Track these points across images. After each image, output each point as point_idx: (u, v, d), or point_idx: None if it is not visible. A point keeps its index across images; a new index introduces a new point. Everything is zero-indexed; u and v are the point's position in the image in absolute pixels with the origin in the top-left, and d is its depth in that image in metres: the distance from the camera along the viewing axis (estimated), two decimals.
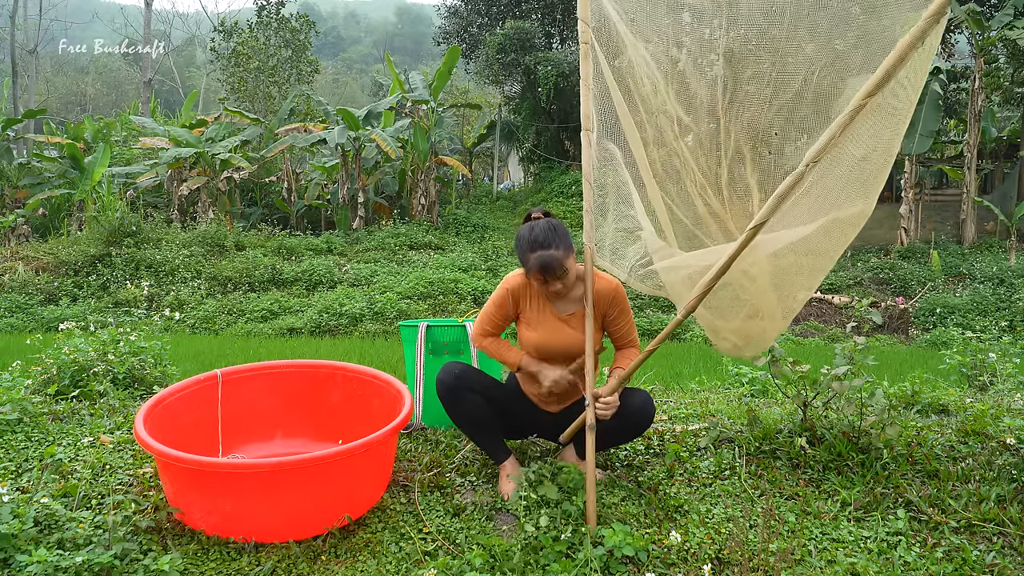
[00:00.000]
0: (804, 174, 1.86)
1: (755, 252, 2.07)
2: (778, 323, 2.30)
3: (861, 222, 2.00)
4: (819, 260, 2.09)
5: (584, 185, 2.49)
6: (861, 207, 1.96)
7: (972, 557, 2.24)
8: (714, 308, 2.35)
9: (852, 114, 1.77)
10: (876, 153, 1.88)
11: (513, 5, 23.75)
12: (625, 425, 2.54)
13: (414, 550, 2.25)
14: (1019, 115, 17.72)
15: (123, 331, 4.01)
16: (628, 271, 2.50)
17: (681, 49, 2.24)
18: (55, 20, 38.33)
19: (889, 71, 1.70)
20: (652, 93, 2.28)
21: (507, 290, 2.58)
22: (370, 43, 74.69)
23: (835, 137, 1.80)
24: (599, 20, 2.39)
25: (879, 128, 1.84)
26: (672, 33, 2.25)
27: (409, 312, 11.95)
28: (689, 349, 9.44)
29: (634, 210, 2.43)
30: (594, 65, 2.40)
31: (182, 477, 2.24)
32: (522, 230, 2.48)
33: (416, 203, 18.29)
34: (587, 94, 2.44)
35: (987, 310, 12.52)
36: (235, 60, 22.02)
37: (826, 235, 2.02)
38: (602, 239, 2.55)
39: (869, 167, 1.91)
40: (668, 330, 2.27)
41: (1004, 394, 3.93)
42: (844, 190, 1.95)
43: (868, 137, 1.86)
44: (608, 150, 2.46)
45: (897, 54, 1.69)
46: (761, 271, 2.13)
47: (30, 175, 18.02)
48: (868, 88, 1.74)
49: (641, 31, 2.30)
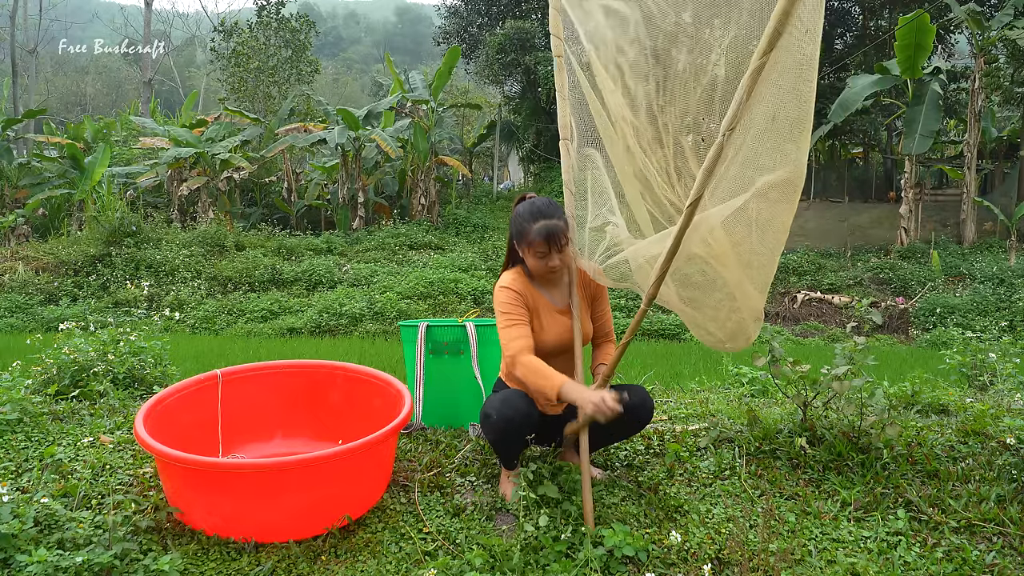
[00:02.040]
0: (723, 144, 1.87)
1: (702, 228, 2.08)
2: (756, 309, 2.29)
3: (797, 187, 1.99)
4: (767, 232, 2.09)
5: (565, 192, 2.57)
6: (790, 170, 1.96)
7: (972, 557, 2.24)
8: (690, 301, 2.35)
9: (754, 75, 1.77)
10: (789, 108, 1.88)
11: (513, 5, 23.77)
12: (628, 421, 2.53)
13: (414, 550, 2.25)
14: (1019, 115, 17.72)
15: (123, 331, 4.00)
16: (594, 265, 2.53)
17: (621, 53, 2.27)
18: (55, 20, 38.37)
19: (778, 27, 1.71)
20: (612, 100, 2.33)
21: (514, 291, 2.48)
22: (370, 43, 74.71)
23: (744, 101, 1.81)
24: (571, 31, 2.44)
25: (791, 84, 1.85)
26: (612, 37, 2.29)
27: (409, 312, 11.96)
28: (689, 349, 9.44)
29: (608, 206, 2.45)
30: (571, 76, 2.46)
31: (182, 477, 2.24)
32: (521, 206, 2.49)
33: (416, 203, 18.29)
34: (563, 104, 2.51)
35: (987, 310, 12.53)
36: (235, 60, 22.02)
37: (765, 203, 2.02)
38: (581, 242, 2.57)
39: (785, 125, 1.91)
40: (636, 321, 2.26)
41: (1004, 394, 3.93)
42: (766, 153, 1.96)
43: (781, 95, 1.86)
44: (588, 156, 2.50)
45: (781, 8, 1.69)
46: (723, 248, 2.13)
47: (30, 175, 18.02)
48: (762, 47, 1.75)
49: (593, 40, 2.36)
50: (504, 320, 2.44)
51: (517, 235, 2.47)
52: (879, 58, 18.37)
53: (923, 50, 14.69)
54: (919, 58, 14.87)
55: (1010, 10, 15.05)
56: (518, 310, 2.44)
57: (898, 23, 15.35)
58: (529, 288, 2.54)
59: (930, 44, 14.65)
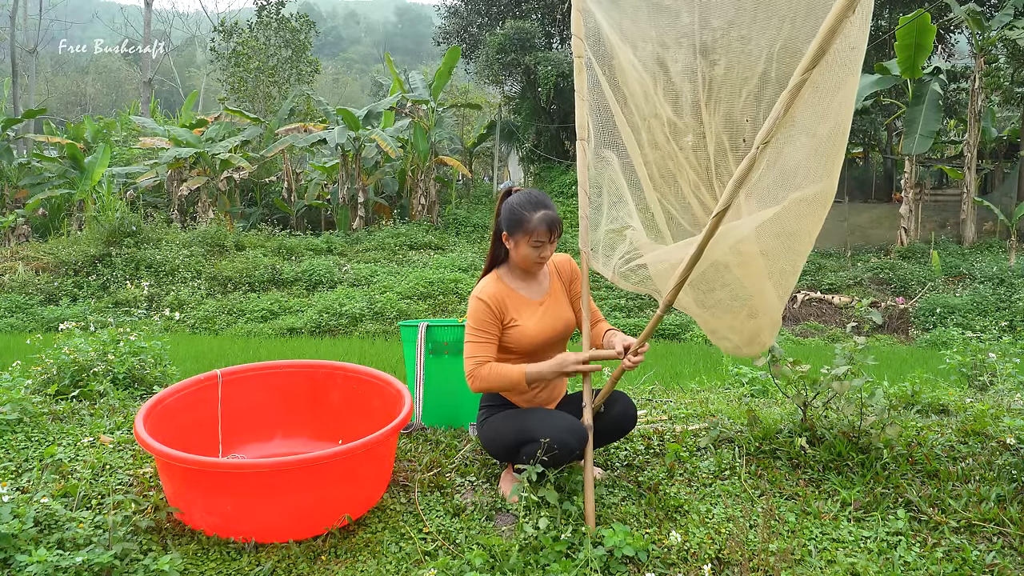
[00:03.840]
0: (756, 157, 1.85)
1: (730, 238, 2.07)
2: (775, 316, 2.29)
3: (828, 200, 1.98)
4: (795, 242, 2.09)
5: (579, 193, 2.56)
6: (824, 184, 1.94)
7: (972, 557, 2.24)
8: (710, 307, 2.35)
9: (794, 91, 1.75)
10: (827, 123, 1.87)
11: (513, 5, 23.76)
12: (613, 430, 2.57)
13: (414, 550, 2.25)
14: (1019, 115, 17.72)
15: (123, 331, 4.00)
16: (612, 270, 2.52)
17: (666, 50, 2.25)
18: (55, 20, 38.37)
19: (823, 44, 1.68)
20: (643, 99, 2.31)
21: (486, 303, 2.45)
22: (370, 43, 74.67)
23: (780, 116, 1.79)
24: (593, 33, 2.44)
25: (828, 100, 1.83)
26: (655, 35, 2.27)
27: (409, 312, 11.96)
28: (689, 349, 9.44)
29: (627, 210, 2.44)
30: (591, 78, 2.45)
31: (182, 477, 2.24)
32: (514, 197, 2.48)
33: (416, 203, 18.29)
34: (582, 105, 2.50)
35: (987, 310, 12.53)
36: (235, 60, 22.02)
37: (796, 216, 2.01)
38: (596, 243, 2.57)
39: (823, 141, 1.90)
40: (651, 325, 2.29)
41: (1004, 394, 3.93)
42: (802, 167, 1.94)
43: (819, 111, 1.84)
44: (605, 158, 2.49)
45: (828, 26, 1.67)
46: (751, 256, 2.13)
47: (30, 175, 18.03)
48: (805, 63, 1.72)
49: (629, 38, 2.34)
50: (471, 335, 2.46)
51: (513, 225, 2.44)
52: (879, 58, 18.36)
53: (923, 50, 14.68)
54: (919, 58, 14.86)
55: (1010, 10, 15.05)
56: (487, 327, 2.45)
57: (898, 23, 15.35)
58: (506, 291, 2.52)
59: (930, 44, 14.64)
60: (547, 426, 2.32)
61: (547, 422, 2.35)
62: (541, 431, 2.31)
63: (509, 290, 2.53)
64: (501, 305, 2.47)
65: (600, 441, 2.58)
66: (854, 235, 17.56)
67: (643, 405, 3.67)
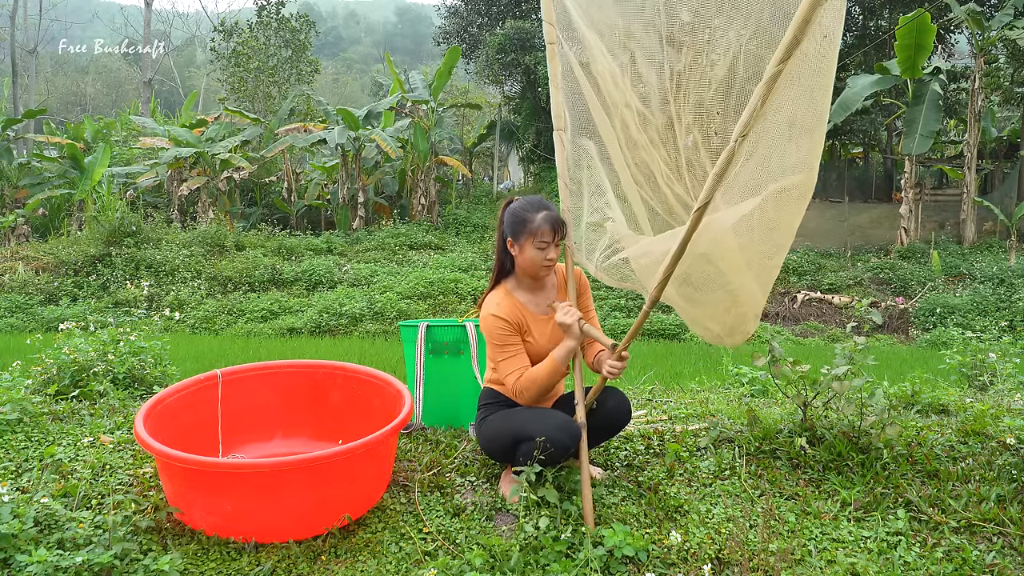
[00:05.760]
0: (735, 149, 1.84)
1: (711, 231, 2.05)
2: (757, 308, 2.29)
3: (807, 193, 1.97)
4: (775, 234, 2.07)
5: (560, 186, 2.54)
6: (803, 176, 1.93)
7: (972, 557, 2.24)
8: (691, 298, 2.33)
9: (769, 83, 1.74)
10: (804, 115, 1.84)
11: (513, 5, 23.75)
12: (607, 425, 2.57)
13: (414, 550, 2.25)
14: (1019, 115, 17.72)
15: (123, 331, 4.00)
16: (595, 264, 2.52)
17: (631, 39, 2.20)
18: (55, 20, 38.36)
19: (797, 35, 1.66)
20: (614, 87, 2.27)
21: (505, 319, 2.46)
22: (370, 43, 74.66)
23: (757, 109, 1.77)
24: (564, 19, 2.39)
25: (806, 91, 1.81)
26: (622, 24, 2.22)
27: (409, 312, 11.96)
28: (689, 349, 9.45)
29: (605, 200, 2.42)
30: (564, 63, 2.41)
31: (182, 477, 2.24)
32: (515, 204, 2.49)
33: (416, 203, 18.29)
34: (556, 93, 2.47)
35: (987, 310, 12.52)
36: (235, 60, 22.02)
37: (775, 209, 1.99)
38: (579, 238, 2.56)
39: (800, 132, 1.88)
40: (639, 322, 2.27)
41: (1004, 394, 3.93)
42: (780, 158, 1.92)
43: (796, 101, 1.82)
44: (583, 147, 2.45)
45: (801, 16, 1.64)
46: (730, 249, 2.11)
47: (30, 175, 18.03)
48: (779, 55, 1.70)
49: (595, 25, 2.29)
50: (501, 353, 2.47)
51: (516, 228, 2.45)
52: (879, 58, 18.37)
53: (923, 50, 14.68)
54: (919, 58, 14.86)
55: (1010, 10, 15.04)
56: (512, 339, 2.47)
57: (898, 23, 15.35)
58: (516, 306, 2.52)
59: (930, 44, 14.64)
60: (541, 424, 2.34)
61: (541, 421, 2.37)
62: (535, 430, 2.32)
63: (520, 305, 2.54)
64: (519, 320, 2.50)
65: (596, 438, 2.58)
66: (854, 235, 17.55)
67: (643, 405, 3.67)
